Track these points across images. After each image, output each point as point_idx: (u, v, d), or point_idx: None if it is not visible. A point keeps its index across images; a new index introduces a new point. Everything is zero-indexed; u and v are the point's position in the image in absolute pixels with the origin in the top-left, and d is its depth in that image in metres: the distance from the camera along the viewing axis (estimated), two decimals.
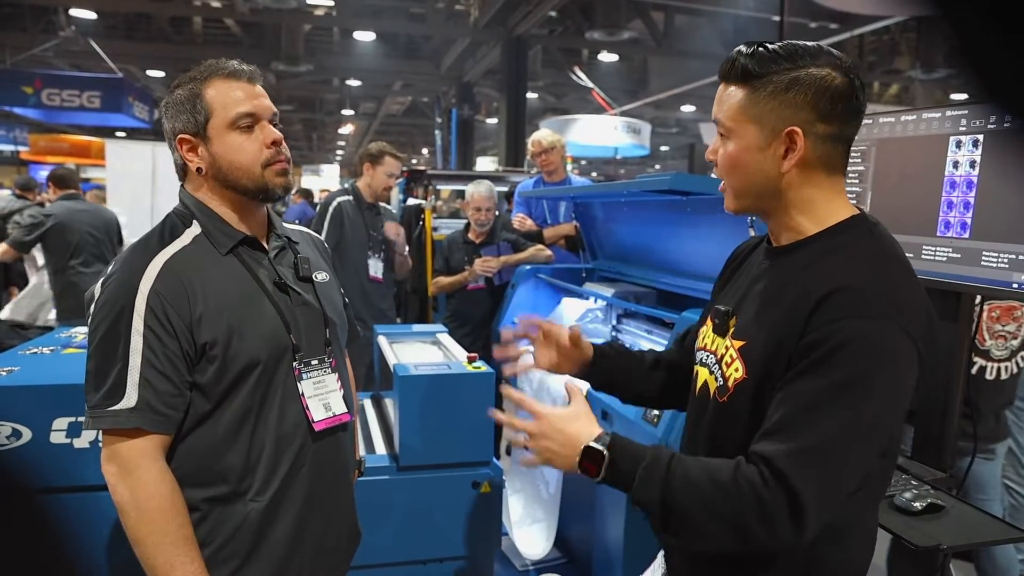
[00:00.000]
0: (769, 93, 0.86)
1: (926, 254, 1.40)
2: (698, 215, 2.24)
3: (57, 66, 11.32)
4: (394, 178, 3.16)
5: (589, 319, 2.54)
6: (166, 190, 5.97)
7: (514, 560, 2.51)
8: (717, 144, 0.93)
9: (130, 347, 0.99)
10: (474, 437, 1.96)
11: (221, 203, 1.11)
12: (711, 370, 0.97)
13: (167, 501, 0.99)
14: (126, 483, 0.99)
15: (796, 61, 0.85)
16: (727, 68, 0.90)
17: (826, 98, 0.85)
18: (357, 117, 18.44)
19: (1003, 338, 2.06)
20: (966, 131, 1.31)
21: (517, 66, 10.57)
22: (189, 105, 1.07)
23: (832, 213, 0.89)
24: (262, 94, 1.11)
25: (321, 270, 1.25)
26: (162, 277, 1.02)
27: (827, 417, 0.79)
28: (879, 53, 10.18)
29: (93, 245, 3.86)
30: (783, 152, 0.87)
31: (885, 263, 0.85)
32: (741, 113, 0.88)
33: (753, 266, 1.00)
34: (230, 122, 1.07)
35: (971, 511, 1.32)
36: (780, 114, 0.86)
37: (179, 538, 0.99)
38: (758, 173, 0.89)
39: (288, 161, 1.12)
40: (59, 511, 1.60)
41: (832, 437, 0.78)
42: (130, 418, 0.98)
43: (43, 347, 1.91)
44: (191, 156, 1.09)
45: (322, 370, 1.15)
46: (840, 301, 0.80)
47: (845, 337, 0.79)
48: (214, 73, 1.08)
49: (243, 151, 1.07)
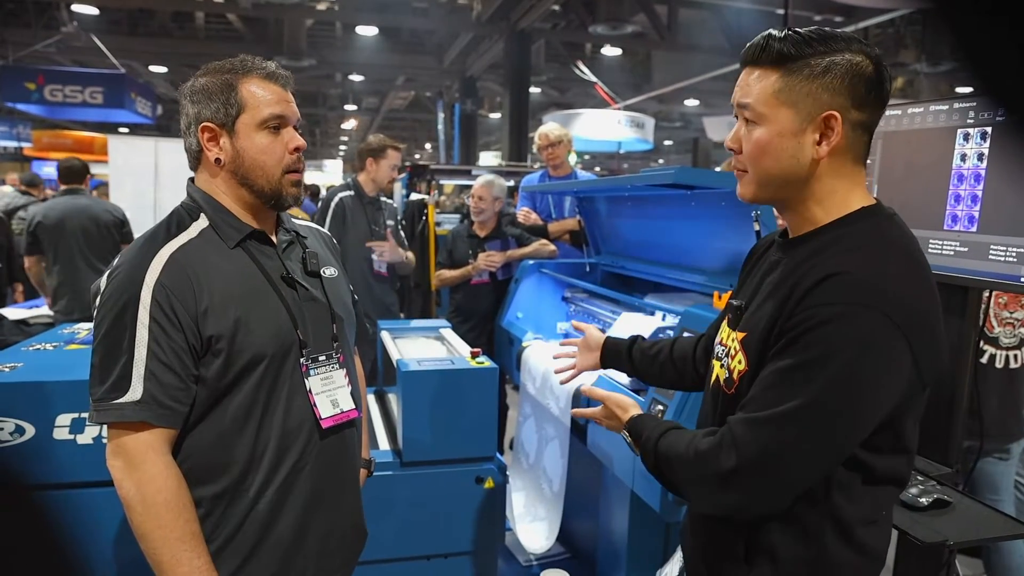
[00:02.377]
0: (805, 76, 0.83)
1: (933, 248, 1.38)
2: (702, 209, 2.23)
3: (60, 62, 11.31)
4: (397, 170, 3.16)
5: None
6: (169, 186, 5.97)
7: (518, 555, 2.51)
8: (740, 131, 0.90)
9: (135, 340, 0.99)
10: (478, 432, 1.95)
11: (231, 199, 1.11)
12: (722, 363, 0.97)
13: (173, 496, 0.99)
14: (132, 478, 0.98)
15: (830, 45, 0.83)
16: (757, 52, 0.87)
17: (861, 83, 0.83)
18: (360, 112, 18.41)
19: (1011, 325, 2.04)
20: (974, 123, 1.30)
21: (520, 60, 10.52)
22: (222, 96, 1.07)
23: (847, 202, 0.88)
24: (292, 100, 1.12)
25: (329, 265, 1.25)
26: (168, 270, 1.01)
27: (784, 391, 0.81)
28: (884, 46, 10.10)
29: (82, 242, 3.70)
30: (817, 138, 0.85)
31: (885, 253, 0.83)
32: (775, 97, 0.85)
33: (768, 260, 0.99)
34: (261, 121, 1.07)
35: (978, 507, 1.31)
36: (817, 98, 0.83)
37: (185, 533, 0.99)
38: (790, 160, 0.86)
39: (304, 169, 1.14)
40: (62, 507, 1.61)
41: (784, 410, 0.80)
42: (135, 411, 0.98)
43: (46, 343, 1.91)
44: (211, 145, 1.09)
45: (330, 366, 1.14)
46: (827, 288, 0.80)
47: (819, 320, 0.79)
48: (253, 71, 1.09)
49: (268, 151, 1.08)
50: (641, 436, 1.00)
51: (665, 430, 0.97)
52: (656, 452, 0.95)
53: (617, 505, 2.16)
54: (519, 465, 2.59)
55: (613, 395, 1.14)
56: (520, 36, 10.21)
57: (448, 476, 1.94)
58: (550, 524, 2.32)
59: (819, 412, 0.79)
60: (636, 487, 1.80)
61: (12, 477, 1.55)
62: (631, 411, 1.08)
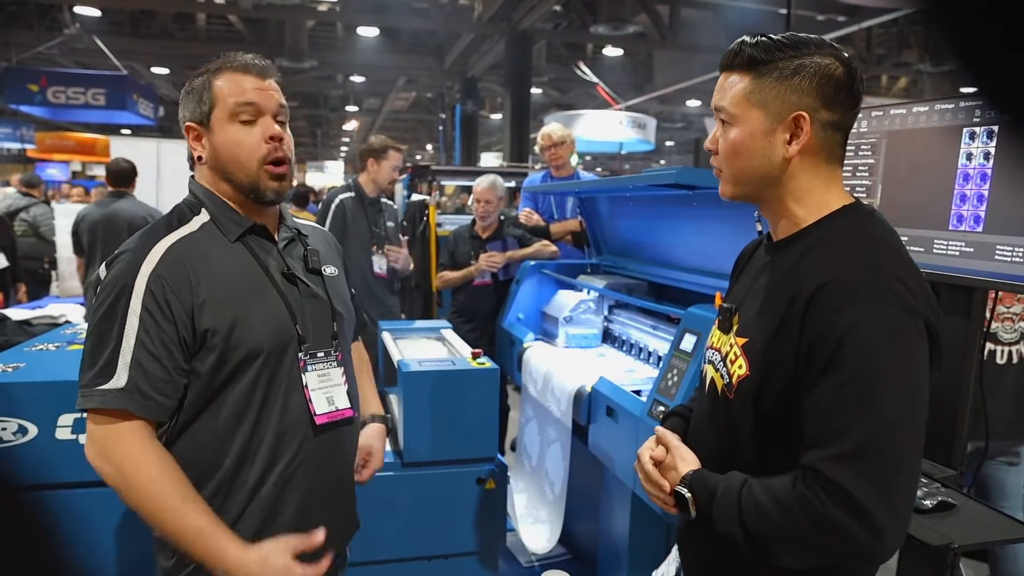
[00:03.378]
0: (775, 79, 0.87)
1: (938, 248, 1.37)
2: (704, 209, 2.22)
3: (62, 64, 11.33)
4: (398, 170, 3.15)
5: (581, 310, 2.68)
6: (171, 187, 5.97)
7: (519, 556, 2.50)
8: (717, 133, 0.94)
9: (125, 328, 0.98)
10: (479, 433, 1.95)
11: (221, 195, 1.11)
12: (717, 367, 0.97)
13: (155, 470, 0.97)
14: (110, 460, 0.97)
15: (800, 49, 0.87)
16: (731, 57, 0.91)
17: (830, 85, 0.86)
18: (361, 113, 18.43)
19: (1010, 320, 2.02)
20: (980, 122, 1.29)
21: (521, 61, 10.52)
22: (198, 95, 1.08)
23: (826, 202, 0.90)
24: (271, 88, 1.10)
25: (331, 264, 1.24)
26: (165, 261, 1.01)
27: (852, 414, 0.77)
28: (887, 46, 10.10)
29: (103, 245, 3.73)
30: (788, 138, 0.88)
31: (875, 250, 0.84)
32: (746, 99, 0.89)
33: (756, 263, 1.00)
34: (231, 112, 1.07)
35: (983, 509, 1.30)
36: (786, 99, 0.86)
37: (179, 500, 0.97)
38: (762, 159, 0.89)
39: (288, 161, 1.11)
40: (65, 507, 1.61)
41: (868, 431, 0.76)
42: (116, 399, 0.97)
43: (48, 343, 1.91)
44: (195, 144, 1.10)
45: (328, 363, 1.14)
46: (830, 294, 0.80)
47: (842, 329, 0.78)
48: (226, 65, 1.09)
49: (240, 144, 1.07)
50: (714, 490, 0.87)
51: (744, 480, 0.85)
52: (741, 504, 0.83)
53: (618, 506, 2.15)
54: (522, 467, 2.58)
55: (682, 445, 0.99)
56: (521, 37, 10.21)
57: (449, 477, 1.94)
58: (551, 526, 2.32)
59: (896, 416, 0.77)
60: (637, 488, 1.80)
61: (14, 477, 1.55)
62: (692, 464, 0.95)
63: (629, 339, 2.56)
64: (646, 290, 2.66)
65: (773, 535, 0.81)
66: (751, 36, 0.90)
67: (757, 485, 0.84)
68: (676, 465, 0.95)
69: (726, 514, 0.84)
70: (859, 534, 0.75)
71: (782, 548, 0.82)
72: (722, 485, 0.86)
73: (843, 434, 0.77)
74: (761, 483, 0.84)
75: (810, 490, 0.77)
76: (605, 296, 2.68)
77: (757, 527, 0.82)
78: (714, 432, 0.96)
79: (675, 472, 0.94)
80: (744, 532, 0.83)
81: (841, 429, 0.77)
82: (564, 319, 2.66)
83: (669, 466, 0.96)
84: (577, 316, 2.67)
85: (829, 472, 0.76)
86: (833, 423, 0.78)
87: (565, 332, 2.65)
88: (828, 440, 0.78)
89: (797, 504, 0.78)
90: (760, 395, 0.87)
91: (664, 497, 0.95)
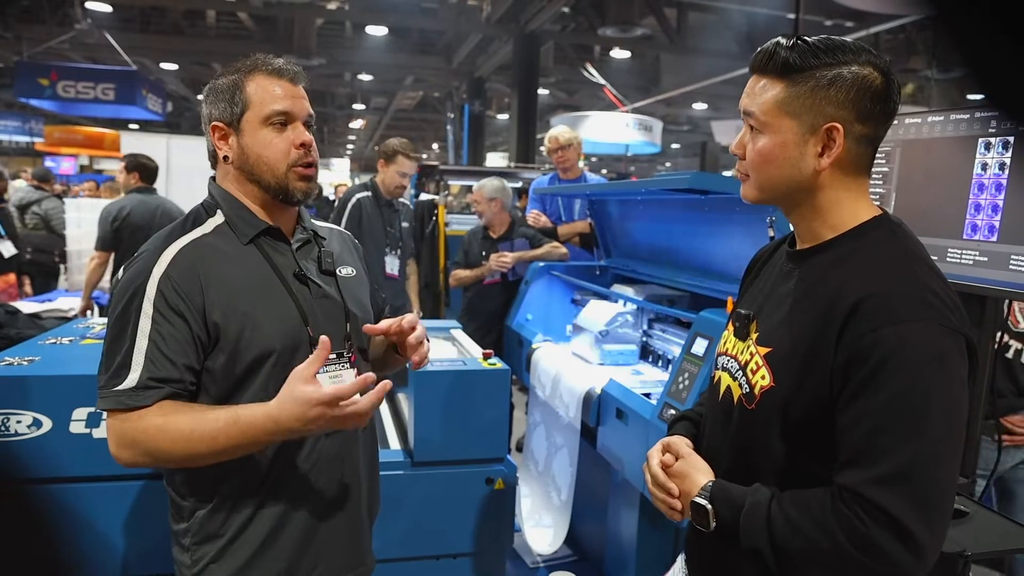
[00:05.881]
0: (810, 88, 0.83)
1: (951, 257, 1.38)
2: (715, 214, 2.23)
3: (73, 58, 11.38)
4: (406, 178, 3.15)
5: (619, 323, 2.42)
6: (180, 183, 5.99)
7: (525, 557, 2.51)
8: (745, 138, 0.90)
9: (138, 329, 1.00)
10: (488, 433, 1.95)
11: (245, 195, 1.12)
12: (734, 376, 0.95)
13: (170, 423, 0.97)
14: (137, 450, 0.98)
15: (837, 56, 0.83)
16: (764, 60, 0.87)
17: (867, 97, 0.82)
18: (368, 112, 18.45)
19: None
20: (996, 133, 1.29)
21: (529, 62, 10.53)
22: (229, 95, 1.09)
23: (856, 214, 0.87)
24: (302, 95, 1.12)
25: (347, 265, 1.25)
26: (175, 262, 1.03)
27: (898, 435, 0.76)
28: (895, 52, 10.06)
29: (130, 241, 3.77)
30: (819, 150, 0.85)
31: (910, 264, 0.83)
32: (778, 107, 0.85)
33: (775, 268, 0.97)
34: (264, 118, 1.08)
35: (995, 517, 1.31)
36: (820, 110, 0.83)
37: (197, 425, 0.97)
38: (791, 169, 0.87)
39: (315, 166, 1.13)
40: (78, 501, 1.62)
41: (914, 454, 0.75)
42: (131, 399, 0.98)
43: (62, 337, 1.92)
44: (221, 143, 1.11)
45: (340, 365, 1.14)
46: (870, 310, 0.78)
47: (886, 349, 0.76)
48: (259, 68, 1.10)
49: (271, 147, 1.08)
50: (740, 504, 0.84)
51: (772, 495, 0.83)
52: (771, 520, 0.81)
53: (626, 508, 2.16)
54: (528, 471, 2.59)
55: (694, 454, 0.97)
56: (529, 38, 10.22)
57: (459, 477, 1.95)
58: (556, 531, 2.32)
59: (939, 436, 0.76)
60: (646, 491, 1.80)
61: (30, 470, 1.57)
62: (706, 474, 0.92)
63: (667, 354, 2.31)
64: (688, 303, 2.44)
65: (807, 553, 0.79)
66: (786, 38, 0.85)
67: (788, 501, 0.82)
68: (689, 473, 0.92)
69: (754, 529, 0.82)
70: (901, 556, 0.75)
71: (814, 566, 0.80)
72: (749, 499, 0.84)
73: (887, 455, 0.76)
74: (792, 499, 0.82)
75: (851, 510, 0.76)
76: (645, 309, 2.42)
77: (788, 544, 0.80)
78: (728, 441, 0.94)
79: (687, 480, 0.92)
80: (773, 548, 0.80)
81: (885, 449, 0.76)
82: (600, 333, 2.37)
83: (679, 473, 0.94)
84: (614, 330, 2.39)
85: (871, 494, 0.75)
86: (876, 443, 0.76)
87: (601, 349, 2.37)
88: (871, 460, 0.77)
89: (837, 524, 0.77)
90: (786, 406, 0.85)
91: (671, 502, 0.93)
